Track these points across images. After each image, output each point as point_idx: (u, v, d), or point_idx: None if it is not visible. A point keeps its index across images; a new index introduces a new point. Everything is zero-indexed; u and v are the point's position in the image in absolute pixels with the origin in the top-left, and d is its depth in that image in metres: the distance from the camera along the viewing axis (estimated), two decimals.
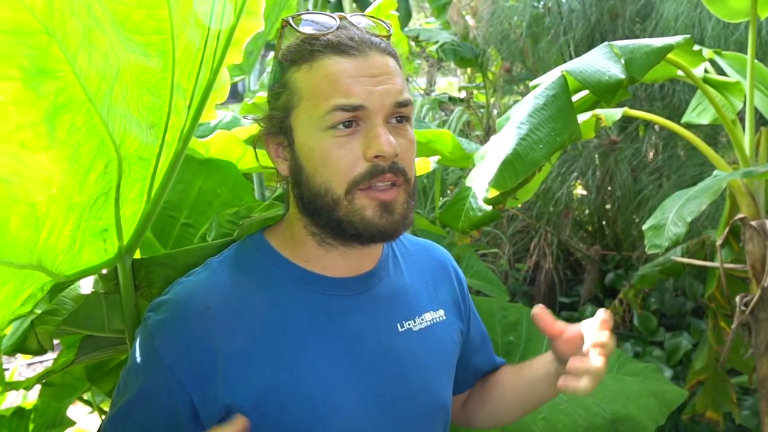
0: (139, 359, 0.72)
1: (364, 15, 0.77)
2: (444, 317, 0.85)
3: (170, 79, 0.66)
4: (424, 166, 1.23)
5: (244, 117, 0.77)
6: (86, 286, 0.83)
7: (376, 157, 0.69)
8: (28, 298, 0.53)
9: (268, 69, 4.40)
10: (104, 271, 0.80)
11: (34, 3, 0.43)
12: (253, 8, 0.79)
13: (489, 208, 1.06)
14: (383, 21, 0.77)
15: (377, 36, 0.74)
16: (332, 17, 0.74)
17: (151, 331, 0.72)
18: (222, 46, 0.75)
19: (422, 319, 0.82)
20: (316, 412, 0.71)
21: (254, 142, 0.80)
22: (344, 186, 0.70)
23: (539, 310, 0.76)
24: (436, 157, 1.30)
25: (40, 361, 3.50)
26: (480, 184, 1.06)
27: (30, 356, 2.87)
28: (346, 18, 0.74)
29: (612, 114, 1.51)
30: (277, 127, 0.75)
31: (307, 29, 0.73)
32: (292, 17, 0.74)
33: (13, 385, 1.17)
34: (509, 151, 1.03)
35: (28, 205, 0.48)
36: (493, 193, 1.03)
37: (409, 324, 0.80)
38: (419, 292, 0.84)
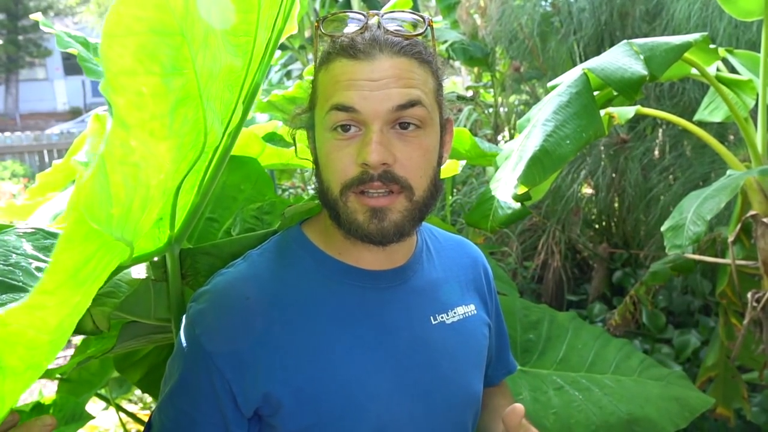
0: (181, 348, 0.75)
1: (403, 11, 0.76)
2: (474, 312, 0.87)
3: (243, 78, 0.69)
4: (452, 168, 1.24)
5: (294, 111, 0.81)
6: (135, 272, 0.85)
7: (365, 164, 0.69)
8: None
9: (274, 69, 4.44)
10: (154, 259, 0.83)
11: (176, 6, 0.48)
12: (292, 13, 0.82)
13: (518, 205, 1.07)
14: (420, 17, 0.76)
15: (400, 36, 0.72)
16: (362, 16, 0.74)
17: (192, 319, 0.74)
18: (272, 49, 0.78)
19: (455, 313, 0.84)
20: (352, 401, 0.73)
21: (290, 135, 0.83)
22: (339, 188, 0.72)
23: (517, 411, 0.71)
24: (463, 162, 1.31)
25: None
26: (508, 183, 1.08)
27: None
28: (377, 16, 0.74)
29: (625, 112, 1.53)
30: (309, 124, 0.79)
31: (331, 29, 0.75)
32: (322, 18, 0.76)
33: (48, 373, 1.19)
34: (537, 147, 1.05)
35: (147, 187, 0.52)
36: (523, 189, 1.04)
37: (442, 317, 0.82)
38: (451, 286, 0.86)
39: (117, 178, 0.45)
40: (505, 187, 1.10)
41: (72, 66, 20.82)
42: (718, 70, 1.58)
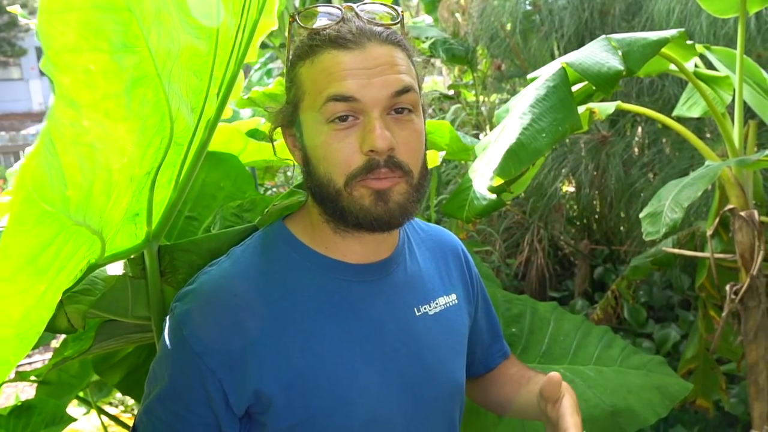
0: (168, 349, 0.74)
1: (374, 2, 0.77)
2: (456, 301, 0.87)
3: (211, 64, 0.68)
4: (432, 158, 1.24)
5: (265, 108, 0.79)
6: (112, 270, 0.84)
7: (372, 151, 0.69)
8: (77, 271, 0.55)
9: (254, 67, 4.41)
10: (132, 256, 0.82)
11: None
12: (270, 7, 0.81)
13: (493, 196, 1.08)
14: (393, 8, 0.77)
15: (381, 25, 0.74)
16: (338, 9, 0.74)
17: (179, 320, 0.73)
18: (246, 40, 0.77)
19: (437, 304, 0.84)
20: (341, 395, 0.73)
21: (269, 133, 0.82)
22: (343, 178, 0.71)
23: (554, 379, 0.79)
24: (443, 152, 1.31)
25: (29, 362, 3.46)
26: (484, 174, 1.09)
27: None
28: (353, 8, 0.74)
29: (605, 108, 1.54)
30: (288, 120, 0.77)
31: (311, 23, 0.75)
32: (299, 12, 0.76)
33: (23, 375, 1.17)
34: (513, 140, 1.06)
35: (108, 171, 0.51)
36: (498, 181, 1.05)
37: (425, 308, 0.83)
38: (433, 277, 0.86)
39: (70, 159, 0.43)
40: (482, 178, 1.11)
41: None
42: (696, 66, 1.61)
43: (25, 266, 0.40)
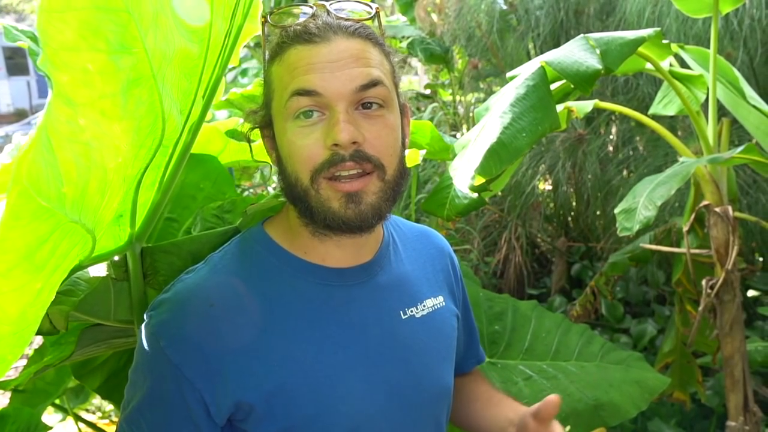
0: (145, 359, 0.72)
1: (350, 0, 0.75)
2: (443, 303, 0.86)
3: (201, 67, 0.68)
4: (413, 157, 1.24)
5: (245, 111, 0.79)
6: (94, 270, 0.82)
7: (336, 145, 0.68)
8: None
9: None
10: (115, 258, 0.80)
11: None
12: (254, 12, 0.80)
13: (474, 195, 1.08)
14: (368, 4, 0.75)
15: (351, 20, 0.72)
16: (310, 6, 0.73)
17: (155, 330, 0.71)
18: (231, 44, 0.76)
19: (424, 306, 0.82)
20: (323, 403, 0.72)
21: (246, 134, 0.80)
22: (308, 175, 0.70)
23: (554, 401, 0.77)
24: (424, 151, 1.31)
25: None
26: (465, 172, 1.09)
27: None
28: (324, 5, 0.73)
29: (583, 106, 1.56)
30: (263, 120, 0.76)
31: (282, 22, 0.73)
32: (270, 12, 0.75)
33: (3, 385, 1.14)
34: (494, 139, 1.06)
35: (103, 170, 0.51)
36: (479, 180, 1.05)
37: (411, 311, 0.81)
38: (419, 278, 0.85)
39: (66, 156, 0.43)
40: (463, 177, 1.11)
41: (15, 66, 19.96)
42: (671, 65, 1.64)
43: (21, 262, 0.40)
